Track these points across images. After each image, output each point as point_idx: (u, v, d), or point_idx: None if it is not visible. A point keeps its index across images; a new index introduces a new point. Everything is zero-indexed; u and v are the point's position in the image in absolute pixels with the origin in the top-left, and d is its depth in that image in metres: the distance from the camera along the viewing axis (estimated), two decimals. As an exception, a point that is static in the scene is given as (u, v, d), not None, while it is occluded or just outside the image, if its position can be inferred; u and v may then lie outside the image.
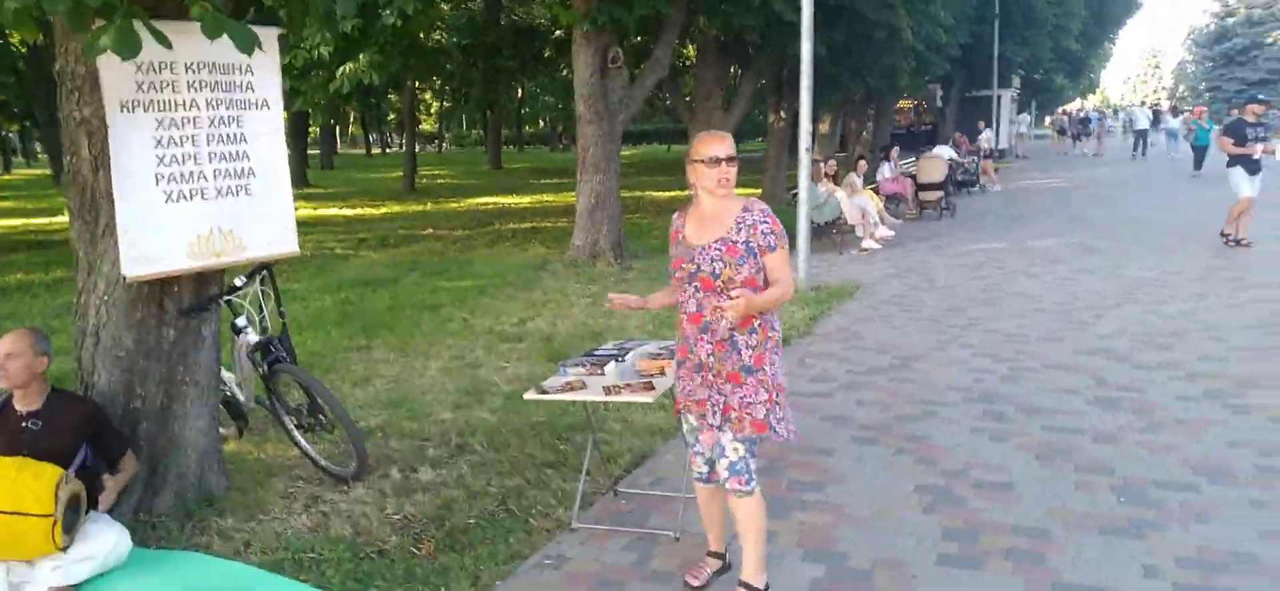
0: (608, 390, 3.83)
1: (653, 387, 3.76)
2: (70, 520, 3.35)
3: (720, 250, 3.11)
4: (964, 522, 3.94)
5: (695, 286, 3.17)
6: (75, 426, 3.66)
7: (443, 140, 69.32)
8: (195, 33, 3.53)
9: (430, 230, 16.07)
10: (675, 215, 3.37)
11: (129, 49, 3.25)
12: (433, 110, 57.54)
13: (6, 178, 41.73)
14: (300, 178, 27.52)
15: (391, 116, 58.04)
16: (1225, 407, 5.31)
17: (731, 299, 2.97)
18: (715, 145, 3.16)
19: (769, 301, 3.09)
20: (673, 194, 22.04)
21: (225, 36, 3.39)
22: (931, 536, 3.82)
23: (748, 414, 3.12)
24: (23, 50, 33.36)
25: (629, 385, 3.82)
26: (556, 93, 41.88)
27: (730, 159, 3.16)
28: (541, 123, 66.31)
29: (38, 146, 56.79)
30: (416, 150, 30.88)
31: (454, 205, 21.45)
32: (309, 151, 37.33)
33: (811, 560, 3.67)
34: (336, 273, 11.12)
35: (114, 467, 3.72)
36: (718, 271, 3.10)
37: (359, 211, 20.16)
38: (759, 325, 3.15)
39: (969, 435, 5.02)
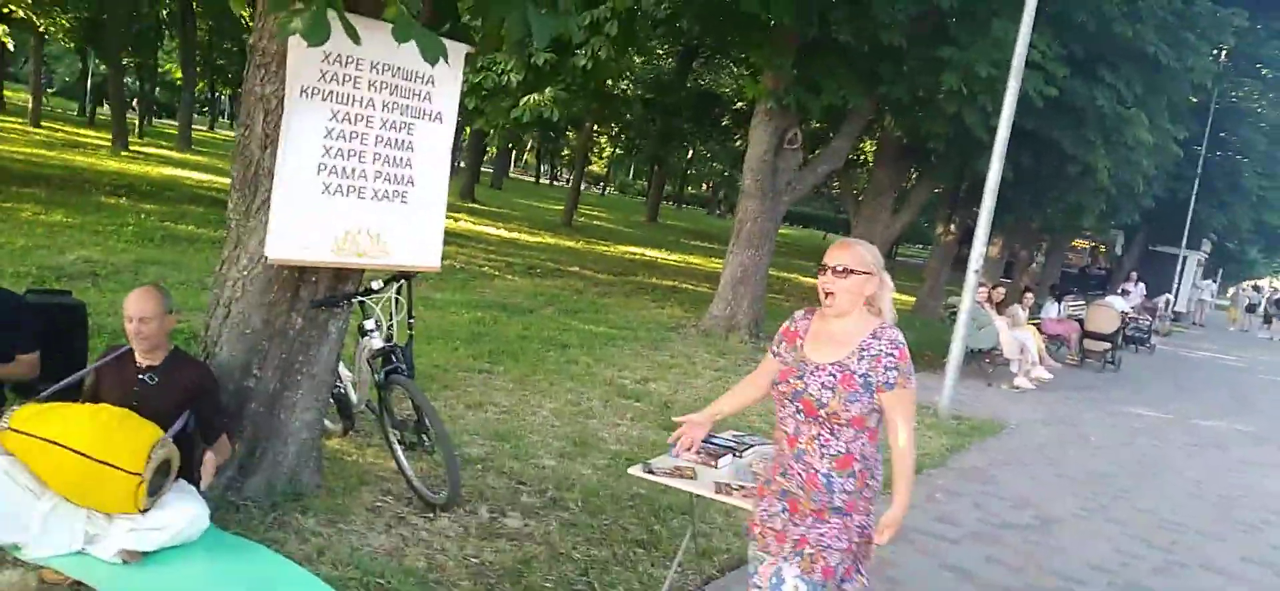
0: (718, 487, 3.56)
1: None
2: (157, 483, 3.33)
3: (834, 377, 2.75)
4: None
5: (797, 407, 2.82)
6: (186, 390, 3.67)
7: (608, 184, 70.71)
8: (385, 33, 3.52)
9: (577, 268, 16.19)
10: (799, 313, 3.01)
11: (318, 35, 3.25)
12: (604, 154, 58.84)
13: (210, 135, 45.00)
14: (469, 192, 28.45)
15: (565, 152, 59.70)
16: None
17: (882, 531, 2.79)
18: (831, 252, 2.84)
19: (907, 495, 2.81)
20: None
21: (413, 42, 3.37)
22: None
23: (822, 556, 2.74)
24: (250, 23, 36.20)
25: (743, 488, 3.53)
26: (725, 160, 42.10)
27: (837, 269, 2.79)
28: (704, 186, 66.79)
29: (227, 115, 61.46)
30: (582, 188, 31.49)
31: (605, 248, 21.63)
32: (482, 169, 38.72)
33: None
34: (479, 291, 11.27)
35: (210, 442, 3.69)
36: (825, 400, 2.74)
37: (515, 235, 20.59)
38: (858, 471, 2.77)
39: (1107, 630, 4.47)
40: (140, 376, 3.63)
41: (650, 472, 3.70)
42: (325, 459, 4.66)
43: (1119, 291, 20.71)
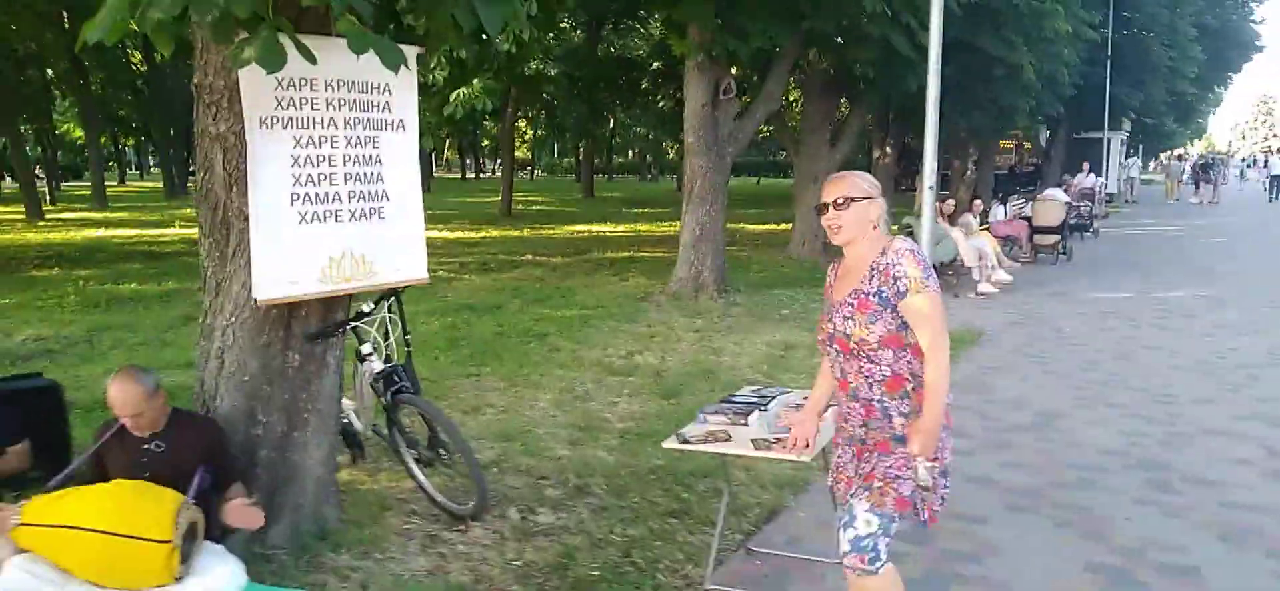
0: (756, 443, 3.53)
1: (809, 445, 3.43)
2: (187, 548, 3.21)
3: (851, 306, 2.76)
4: (1150, 612, 3.52)
5: (835, 348, 2.83)
6: (197, 450, 3.53)
7: (535, 167, 70.18)
8: (338, 48, 3.40)
9: (529, 256, 16.02)
10: (831, 267, 3.02)
11: (274, 62, 3.12)
12: (527, 138, 58.34)
13: (122, 189, 43.55)
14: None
15: (486, 143, 59.00)
16: None
17: (911, 444, 2.70)
18: (826, 189, 2.84)
19: (935, 404, 2.67)
20: (769, 227, 21.65)
21: (370, 53, 3.25)
22: (1115, 627, 3.41)
23: (892, 487, 2.71)
24: (143, 68, 34.98)
25: (779, 440, 3.51)
26: (648, 124, 41.97)
27: (837, 203, 2.79)
28: (630, 153, 66.65)
29: (151, 159, 59.43)
30: (513, 176, 31.18)
31: (550, 232, 21.46)
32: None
33: (980, 646, 3.30)
34: (441, 296, 11.07)
35: (222, 496, 3.55)
36: (849, 330, 2.74)
37: (459, 235, 20.30)
38: (912, 391, 2.75)
39: (1136, 507, 4.56)
40: (145, 447, 3.49)
41: (685, 442, 3.66)
42: (341, 492, 4.53)
43: (1059, 183, 21.15)
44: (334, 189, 3.92)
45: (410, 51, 4.13)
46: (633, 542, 4.18)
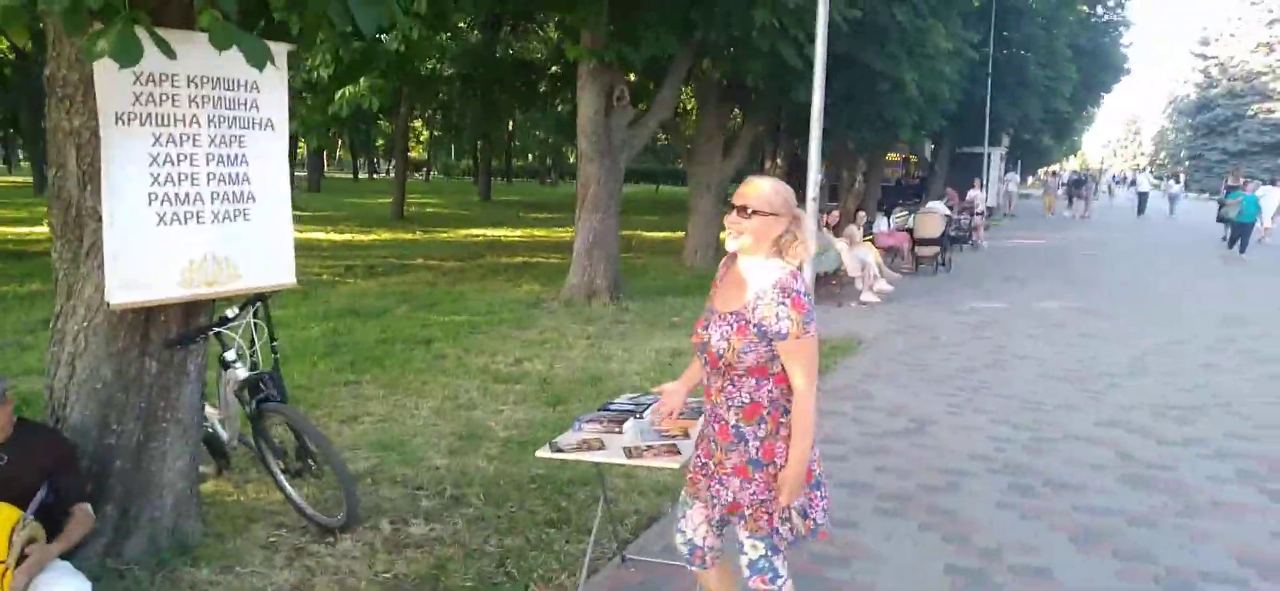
0: (628, 451, 3.54)
1: (677, 452, 3.46)
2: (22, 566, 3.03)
3: (731, 327, 2.67)
4: (1003, 611, 3.67)
5: (704, 358, 2.78)
6: (41, 463, 3.34)
7: (431, 168, 69.05)
8: (200, 43, 3.28)
9: (421, 260, 15.74)
10: (722, 261, 2.92)
11: (129, 56, 2.99)
12: (423, 138, 57.33)
13: (-15, 183, 41.01)
14: (287, 199, 27.09)
15: (380, 142, 57.73)
16: (1262, 492, 5.07)
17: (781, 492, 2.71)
18: (739, 192, 2.74)
19: (800, 452, 2.65)
20: (665, 234, 21.82)
21: (234, 49, 3.14)
22: (970, 626, 3.54)
23: (762, 511, 2.72)
24: (10, 56, 33.01)
25: (651, 448, 3.53)
26: (547, 128, 41.74)
27: (746, 211, 2.68)
28: (531, 156, 66.19)
29: (20, 153, 56.13)
30: (406, 178, 30.60)
31: (444, 235, 21.14)
32: (296, 174, 36.96)
33: (843, 648, 3.37)
34: (324, 300, 10.78)
35: (66, 513, 3.36)
36: (722, 351, 2.67)
37: (347, 237, 19.81)
38: (768, 413, 2.70)
39: (998, 511, 4.75)
40: (-13, 458, 3.27)
41: (558, 451, 3.64)
42: (205, 504, 4.35)
43: (942, 198, 21.91)
44: (196, 189, 3.77)
45: (279, 49, 4.00)
46: (508, 552, 4.14)
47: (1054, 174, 49.67)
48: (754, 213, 2.68)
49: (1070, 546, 4.32)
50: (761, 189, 2.72)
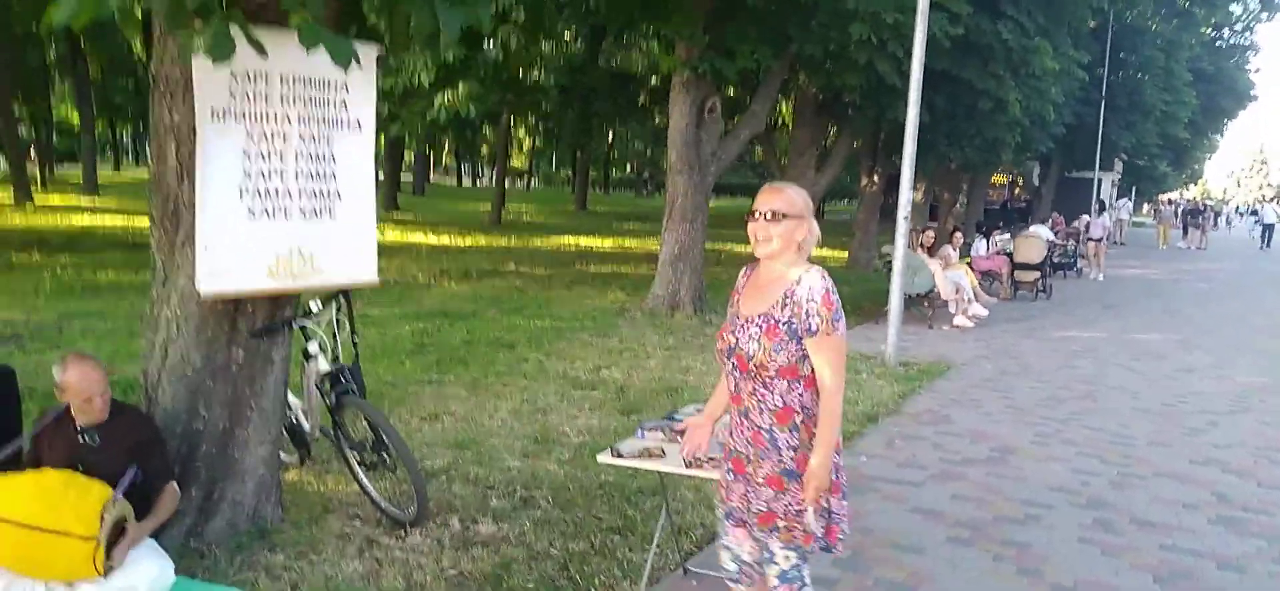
0: (688, 461, 3.53)
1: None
2: (114, 543, 3.19)
3: (760, 329, 2.67)
4: (1075, 651, 3.52)
5: (733, 363, 2.76)
6: (130, 445, 3.51)
7: (532, 177, 70.21)
8: (293, 43, 3.40)
9: (513, 266, 16.03)
10: (743, 271, 2.94)
11: (223, 52, 3.13)
12: (525, 147, 58.39)
13: (117, 177, 43.45)
14: (391, 201, 27.98)
15: (484, 149, 59.05)
16: (1370, 546, 4.76)
17: (806, 494, 2.65)
18: (761, 197, 2.74)
19: (826, 448, 2.63)
20: (757, 250, 21.66)
21: (321, 49, 3.26)
22: (1038, 664, 3.41)
23: (796, 523, 2.69)
24: (143, 56, 34.98)
25: (712, 459, 3.51)
26: (646, 140, 42.05)
27: (772, 215, 2.69)
28: (629, 167, 66.74)
29: (147, 148, 59.31)
30: (506, 184, 31.21)
31: (538, 243, 21.47)
32: (402, 176, 38.09)
33: (901, 676, 3.29)
34: (416, 301, 11.07)
35: (154, 492, 3.53)
36: (752, 352, 2.68)
37: (445, 241, 20.30)
38: (800, 422, 2.68)
39: (1078, 546, 4.56)
40: (82, 437, 3.47)
41: (619, 457, 3.66)
42: (285, 492, 4.52)
43: (1046, 221, 21.20)
44: (284, 185, 3.92)
45: (367, 50, 4.12)
46: (572, 557, 4.18)
47: (1170, 202, 47.49)
48: (784, 216, 2.71)
49: (1153, 586, 4.12)
50: (785, 193, 2.76)
